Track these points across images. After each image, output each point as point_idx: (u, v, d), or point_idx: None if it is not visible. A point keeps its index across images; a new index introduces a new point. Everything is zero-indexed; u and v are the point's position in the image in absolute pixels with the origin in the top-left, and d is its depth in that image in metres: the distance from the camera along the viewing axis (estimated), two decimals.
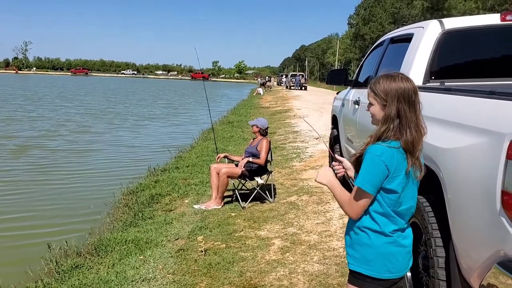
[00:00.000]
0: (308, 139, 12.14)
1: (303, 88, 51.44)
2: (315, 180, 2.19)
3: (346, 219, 5.40)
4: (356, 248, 2.07)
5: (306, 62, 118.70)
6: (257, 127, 6.52)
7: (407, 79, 1.97)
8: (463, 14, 40.49)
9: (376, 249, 1.99)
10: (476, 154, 2.29)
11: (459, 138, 2.48)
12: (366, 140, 2.04)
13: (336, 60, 75.89)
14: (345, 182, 2.47)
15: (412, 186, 2.00)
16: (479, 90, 2.56)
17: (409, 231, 2.08)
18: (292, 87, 52.57)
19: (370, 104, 2.03)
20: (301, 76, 54.97)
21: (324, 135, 12.29)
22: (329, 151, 2.38)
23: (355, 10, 78.38)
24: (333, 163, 2.30)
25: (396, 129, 1.91)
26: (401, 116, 1.90)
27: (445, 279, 2.68)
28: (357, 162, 2.02)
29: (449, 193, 2.57)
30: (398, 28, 5.17)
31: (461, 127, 2.51)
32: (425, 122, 1.97)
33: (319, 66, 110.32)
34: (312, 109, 22.29)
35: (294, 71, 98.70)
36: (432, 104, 3.10)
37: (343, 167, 2.29)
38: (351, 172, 2.25)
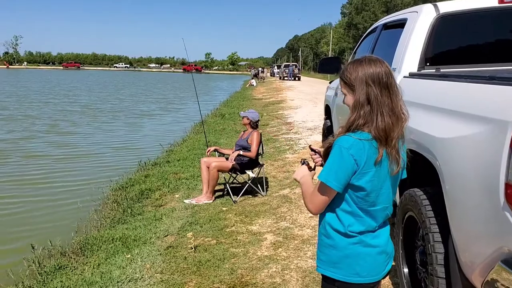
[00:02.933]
0: (302, 130, 11.97)
1: (296, 78, 51.17)
2: (293, 178, 2.04)
3: None
4: (322, 249, 1.90)
5: (300, 52, 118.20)
6: (248, 119, 6.35)
7: (377, 61, 1.78)
8: None
9: (340, 250, 1.82)
10: (477, 144, 2.13)
11: (458, 127, 2.32)
12: (336, 131, 1.86)
13: (330, 50, 75.46)
14: None
15: (388, 184, 1.81)
16: (478, 75, 2.40)
17: (382, 230, 1.88)
18: (285, 78, 52.30)
19: (344, 96, 1.85)
20: (294, 66, 54.64)
21: (317, 126, 12.18)
22: (309, 145, 2.20)
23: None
24: (311, 153, 2.12)
25: (367, 116, 1.71)
26: (371, 101, 1.72)
27: (444, 276, 2.54)
28: (327, 154, 1.82)
29: (448, 185, 2.41)
30: None
31: (460, 115, 2.35)
32: (421, 110, 1.80)
33: (312, 56, 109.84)
34: (305, 100, 22.10)
35: (287, 61, 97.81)
36: (428, 91, 2.95)
37: (321, 157, 2.10)
38: None
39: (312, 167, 2.01)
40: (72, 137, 13.72)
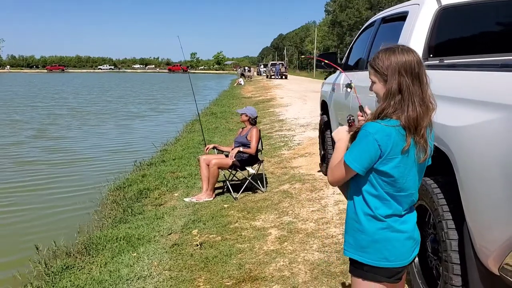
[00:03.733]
0: (295, 127, 12.02)
1: (283, 77, 51.28)
2: (332, 135, 2.06)
3: (341, 205, 5.35)
4: (350, 233, 1.94)
5: (285, 51, 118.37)
6: (246, 115, 6.37)
7: (409, 50, 1.81)
8: None
9: (369, 235, 1.85)
10: (492, 131, 2.17)
11: (472, 115, 2.35)
12: (367, 117, 1.90)
13: (315, 48, 75.68)
14: None
15: (415, 171, 1.84)
16: (490, 64, 2.45)
17: (410, 216, 1.93)
18: (272, 76, 52.39)
19: (373, 83, 1.88)
20: (281, 65, 54.78)
21: (309, 122, 12.24)
22: (360, 105, 2.18)
23: None
24: (359, 113, 2.10)
25: (397, 105, 1.75)
26: (403, 91, 1.75)
27: (459, 262, 2.58)
28: (354, 137, 1.87)
29: (462, 173, 2.45)
30: (375, 13, 5.04)
31: (472, 103, 2.39)
32: None
33: (297, 54, 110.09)
34: (295, 98, 22.19)
35: (273, 60, 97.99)
36: (436, 81, 2.99)
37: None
38: None
39: (356, 125, 1.99)
40: (63, 140, 13.53)
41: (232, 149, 6.24)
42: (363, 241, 1.87)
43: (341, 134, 1.99)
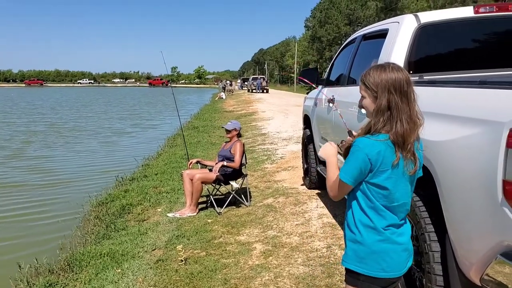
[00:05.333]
0: (277, 141, 12.09)
1: (264, 91, 51.61)
2: (319, 154, 2.14)
3: (325, 219, 5.39)
4: (348, 244, 2.00)
5: (266, 66, 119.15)
6: (236, 130, 6.41)
7: (399, 69, 1.89)
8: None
9: (368, 246, 1.92)
10: (472, 145, 2.25)
11: (452, 130, 2.44)
12: (357, 133, 1.99)
13: (295, 63, 76.37)
14: None
15: (405, 182, 1.92)
16: (468, 81, 2.54)
17: (405, 228, 2.01)
18: (253, 90, 52.66)
19: (362, 98, 1.96)
20: (262, 79, 55.13)
21: (291, 136, 12.32)
22: (348, 130, 2.28)
23: (311, 13, 79.14)
24: (348, 138, 2.18)
25: (386, 122, 1.83)
26: (392, 108, 1.83)
27: (441, 273, 2.64)
28: (347, 153, 1.96)
29: (443, 186, 2.53)
30: (353, 29, 5.17)
31: (453, 119, 2.48)
32: None
33: (278, 69, 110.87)
34: (276, 111, 22.32)
35: (254, 74, 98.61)
36: (419, 97, 3.08)
37: None
38: None
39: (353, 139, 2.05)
40: (43, 158, 13.19)
41: (216, 163, 6.25)
42: (361, 252, 1.93)
43: (328, 150, 2.06)
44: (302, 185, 7.08)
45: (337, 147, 2.08)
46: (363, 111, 2.01)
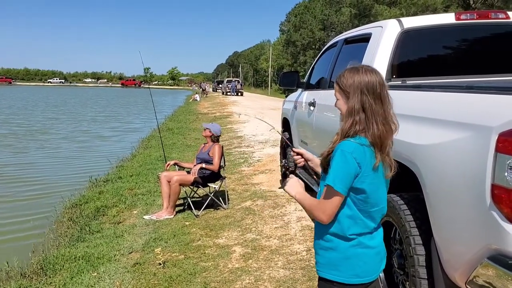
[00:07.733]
0: (253, 144, 12.07)
1: (239, 94, 51.56)
2: (283, 189, 2.11)
3: (304, 222, 5.38)
4: (320, 253, 1.97)
5: (240, 68, 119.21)
6: (210, 131, 6.33)
7: (372, 71, 1.88)
8: None
9: (341, 252, 1.90)
10: (460, 149, 2.27)
11: (439, 134, 2.46)
12: (333, 138, 1.94)
13: (270, 66, 76.68)
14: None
15: (383, 185, 1.92)
16: (455, 86, 2.57)
17: (378, 232, 1.99)
18: (228, 93, 52.56)
19: (337, 100, 1.95)
20: (237, 82, 55.06)
21: (268, 139, 12.31)
22: (286, 142, 2.30)
23: (286, 17, 79.78)
24: (292, 153, 2.20)
25: (362, 123, 1.81)
26: (366, 109, 1.82)
27: (426, 277, 2.65)
28: (326, 161, 1.91)
29: (429, 190, 2.54)
30: (328, 34, 5.20)
31: (440, 123, 2.49)
32: (399, 120, 1.89)
33: (252, 72, 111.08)
34: (252, 114, 22.28)
35: (228, 77, 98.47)
36: (402, 102, 3.09)
37: (304, 158, 2.27)
38: (312, 164, 2.25)
39: (293, 169, 2.07)
40: (11, 158, 12.90)
41: (194, 165, 6.17)
42: (334, 259, 1.91)
43: (295, 187, 2.02)
44: (280, 188, 7.07)
45: (298, 179, 2.05)
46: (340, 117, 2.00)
